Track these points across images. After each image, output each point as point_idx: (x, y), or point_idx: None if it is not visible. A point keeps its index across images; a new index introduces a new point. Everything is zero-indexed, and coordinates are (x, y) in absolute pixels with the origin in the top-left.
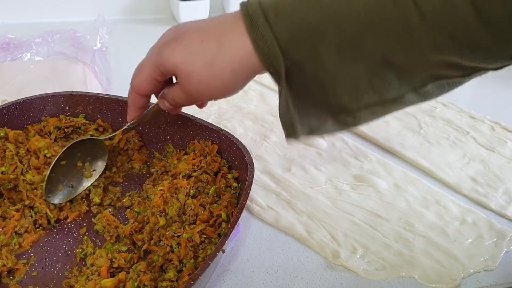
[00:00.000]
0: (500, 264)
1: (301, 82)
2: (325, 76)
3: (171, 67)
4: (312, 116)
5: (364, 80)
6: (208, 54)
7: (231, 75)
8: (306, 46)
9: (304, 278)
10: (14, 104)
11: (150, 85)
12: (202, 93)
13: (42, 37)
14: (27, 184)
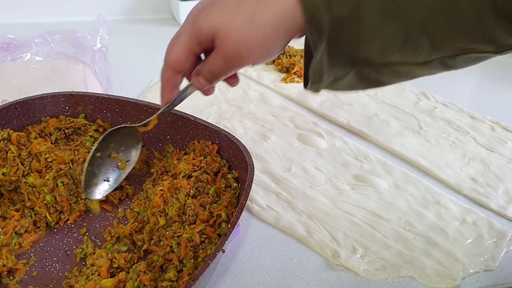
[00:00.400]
0: (500, 264)
1: (336, 36)
2: (362, 32)
3: (209, 30)
4: (338, 66)
5: (398, 41)
6: (248, 10)
7: (272, 30)
8: (351, 1)
9: (304, 278)
10: (14, 104)
11: (188, 59)
12: (242, 55)
13: (42, 37)
14: (28, 186)
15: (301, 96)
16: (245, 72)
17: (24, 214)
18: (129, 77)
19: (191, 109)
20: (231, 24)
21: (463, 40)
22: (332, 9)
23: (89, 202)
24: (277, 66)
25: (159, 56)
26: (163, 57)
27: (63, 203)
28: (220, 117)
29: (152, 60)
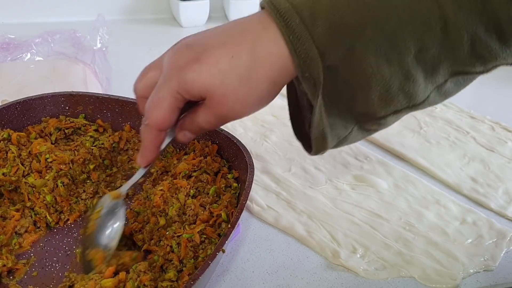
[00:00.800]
0: (500, 264)
1: (332, 89)
2: (358, 80)
3: (200, 90)
4: (339, 126)
5: (396, 83)
6: (243, 70)
7: (269, 86)
8: (344, 46)
9: (304, 278)
10: (14, 104)
11: (173, 117)
12: (237, 113)
13: (42, 37)
14: (28, 186)
15: None
16: None
17: (24, 214)
18: (129, 77)
19: None
20: (226, 86)
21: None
22: (325, 58)
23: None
24: None
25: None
26: (143, 115)
27: (63, 203)
28: None
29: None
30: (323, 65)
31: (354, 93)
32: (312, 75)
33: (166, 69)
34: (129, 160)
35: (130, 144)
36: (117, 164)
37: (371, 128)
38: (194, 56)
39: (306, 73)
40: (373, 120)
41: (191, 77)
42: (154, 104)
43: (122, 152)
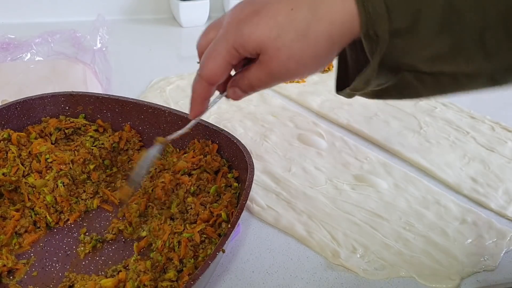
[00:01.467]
0: (500, 264)
1: (391, 46)
2: (416, 42)
3: (255, 45)
4: (384, 74)
5: (451, 52)
6: (302, 23)
7: (326, 44)
8: (412, 7)
9: (304, 278)
10: (14, 104)
11: (226, 72)
12: (291, 71)
13: (42, 37)
14: (28, 187)
15: (301, 96)
16: None
17: (24, 214)
18: (129, 77)
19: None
20: (283, 38)
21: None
22: (391, 21)
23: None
24: None
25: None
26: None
27: (63, 204)
28: (220, 117)
29: (152, 60)
30: (387, 26)
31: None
32: (377, 32)
33: (226, 22)
34: (129, 160)
35: (130, 144)
36: (117, 164)
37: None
38: (254, 9)
39: (370, 30)
40: (416, 73)
41: (248, 30)
42: (209, 56)
43: (122, 152)
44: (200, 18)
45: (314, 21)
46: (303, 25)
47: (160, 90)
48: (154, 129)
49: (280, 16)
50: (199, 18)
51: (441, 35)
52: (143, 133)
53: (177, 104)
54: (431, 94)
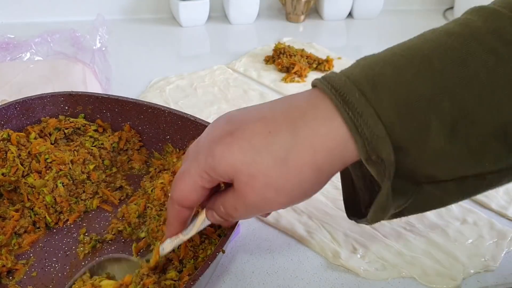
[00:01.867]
0: (500, 264)
1: (400, 165)
2: (428, 158)
3: (227, 169)
4: (400, 196)
5: (472, 158)
6: (280, 148)
7: (312, 173)
8: (416, 122)
9: (304, 278)
10: (14, 104)
11: (197, 195)
12: (269, 201)
13: (41, 36)
14: (28, 187)
15: None
16: (245, 71)
17: (23, 215)
18: (129, 77)
19: (191, 109)
20: (258, 165)
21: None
22: (394, 138)
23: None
24: (277, 66)
25: (159, 55)
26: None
27: (63, 204)
28: None
29: (152, 59)
30: (390, 146)
31: (420, 167)
32: (381, 156)
33: (200, 140)
34: (129, 160)
35: (129, 144)
36: (117, 164)
37: (433, 197)
38: (229, 129)
39: (372, 155)
40: (436, 184)
41: (220, 151)
42: (179, 178)
43: (121, 152)
44: (200, 18)
45: (295, 147)
46: (282, 151)
47: (159, 90)
48: (153, 129)
49: (255, 139)
50: (199, 18)
51: (456, 141)
52: (143, 133)
53: (177, 104)
54: (457, 199)
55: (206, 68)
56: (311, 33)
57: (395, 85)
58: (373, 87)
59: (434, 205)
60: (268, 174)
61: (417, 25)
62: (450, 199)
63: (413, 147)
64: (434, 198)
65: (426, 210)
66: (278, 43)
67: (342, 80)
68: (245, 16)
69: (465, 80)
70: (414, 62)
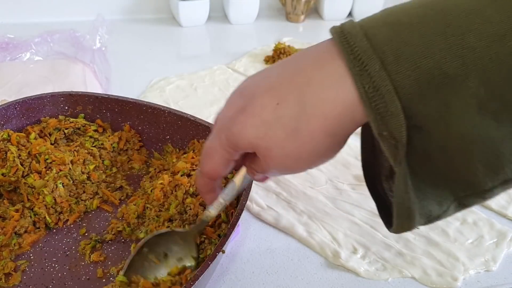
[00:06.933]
0: (500, 264)
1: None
2: (457, 144)
3: (247, 145)
4: (430, 201)
5: (509, 147)
6: (290, 119)
7: (325, 138)
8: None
9: (305, 278)
10: (14, 104)
11: (227, 167)
12: (290, 168)
13: (41, 36)
14: (28, 187)
15: None
16: (245, 71)
17: (23, 215)
18: (129, 77)
19: (191, 109)
20: (271, 139)
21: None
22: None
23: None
24: None
25: (159, 56)
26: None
27: (63, 204)
28: None
29: (152, 60)
30: (407, 123)
31: (452, 160)
32: (393, 134)
33: (218, 118)
34: (129, 160)
35: (129, 144)
36: (117, 165)
37: (472, 204)
38: (242, 105)
39: (384, 131)
40: (476, 194)
41: (237, 130)
42: (206, 154)
43: (121, 152)
44: (200, 17)
45: (303, 116)
46: (293, 122)
47: (159, 90)
48: (153, 129)
49: (265, 113)
50: (199, 18)
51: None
52: (143, 133)
53: (177, 104)
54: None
55: (206, 68)
56: (311, 33)
57: (421, 59)
58: (396, 58)
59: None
60: (283, 146)
61: None
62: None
63: (437, 128)
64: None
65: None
66: (278, 43)
67: (364, 43)
68: (245, 16)
69: (498, 57)
70: (447, 33)
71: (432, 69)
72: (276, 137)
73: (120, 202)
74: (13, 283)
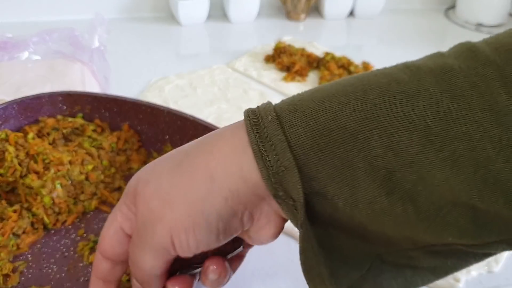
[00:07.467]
0: (503, 265)
1: (328, 219)
2: (367, 214)
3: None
4: (350, 261)
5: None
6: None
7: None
8: (338, 160)
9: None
10: (11, 103)
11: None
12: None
13: (39, 36)
14: (26, 187)
15: None
16: (245, 71)
17: (21, 215)
18: (128, 76)
19: (190, 109)
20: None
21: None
22: (306, 174)
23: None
24: (278, 65)
25: (158, 55)
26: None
27: (61, 205)
28: (220, 117)
29: (151, 59)
30: (309, 188)
31: (365, 228)
32: (288, 193)
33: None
34: (128, 161)
35: (128, 144)
36: (116, 165)
37: (400, 263)
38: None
39: (279, 190)
40: (398, 252)
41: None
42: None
43: (120, 152)
44: (199, 16)
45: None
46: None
47: (159, 90)
48: (153, 129)
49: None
50: (199, 17)
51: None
52: (142, 133)
53: (176, 103)
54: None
55: (206, 67)
56: (311, 32)
57: (317, 112)
58: (292, 112)
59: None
60: (161, 183)
61: (418, 24)
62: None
63: (338, 195)
64: (402, 270)
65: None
66: (279, 42)
67: (266, 105)
68: (245, 15)
69: (407, 120)
70: (347, 90)
71: (329, 121)
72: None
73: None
74: (11, 284)
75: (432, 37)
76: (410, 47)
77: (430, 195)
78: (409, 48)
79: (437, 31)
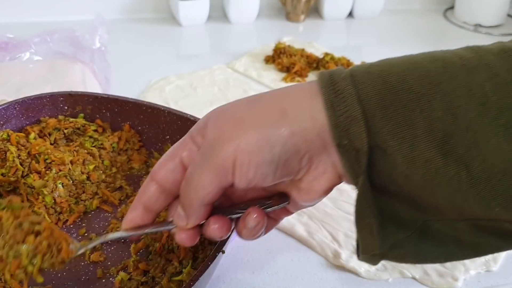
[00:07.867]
0: (501, 265)
1: (386, 178)
2: (422, 173)
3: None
4: (399, 225)
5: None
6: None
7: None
8: (401, 118)
9: (305, 279)
10: (13, 104)
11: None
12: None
13: (40, 36)
14: (27, 187)
15: None
16: (245, 71)
17: None
18: (128, 77)
19: (190, 109)
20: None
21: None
22: (373, 129)
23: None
24: (278, 66)
25: (158, 55)
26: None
27: (62, 204)
28: None
29: (152, 59)
30: (371, 142)
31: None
32: (353, 143)
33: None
34: (129, 160)
35: (129, 144)
36: (117, 165)
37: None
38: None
39: (344, 139)
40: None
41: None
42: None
43: (121, 152)
44: (199, 17)
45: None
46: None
47: (159, 90)
48: (153, 129)
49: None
50: (199, 17)
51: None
52: (143, 133)
53: (177, 103)
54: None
55: (206, 67)
56: (311, 32)
57: (387, 73)
58: (363, 73)
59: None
60: (237, 109)
61: (417, 25)
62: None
63: (398, 151)
64: (445, 239)
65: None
66: (278, 43)
67: (338, 68)
68: (245, 16)
69: (466, 88)
70: (415, 59)
71: (396, 83)
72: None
73: (120, 202)
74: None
75: (431, 37)
76: (409, 47)
77: (483, 161)
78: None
79: (436, 31)
